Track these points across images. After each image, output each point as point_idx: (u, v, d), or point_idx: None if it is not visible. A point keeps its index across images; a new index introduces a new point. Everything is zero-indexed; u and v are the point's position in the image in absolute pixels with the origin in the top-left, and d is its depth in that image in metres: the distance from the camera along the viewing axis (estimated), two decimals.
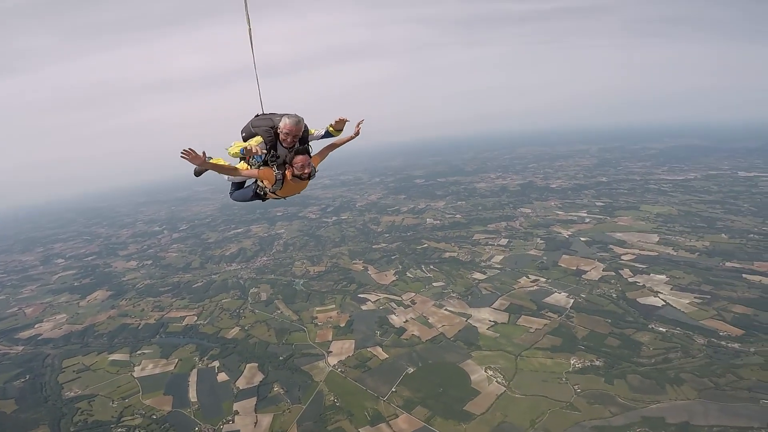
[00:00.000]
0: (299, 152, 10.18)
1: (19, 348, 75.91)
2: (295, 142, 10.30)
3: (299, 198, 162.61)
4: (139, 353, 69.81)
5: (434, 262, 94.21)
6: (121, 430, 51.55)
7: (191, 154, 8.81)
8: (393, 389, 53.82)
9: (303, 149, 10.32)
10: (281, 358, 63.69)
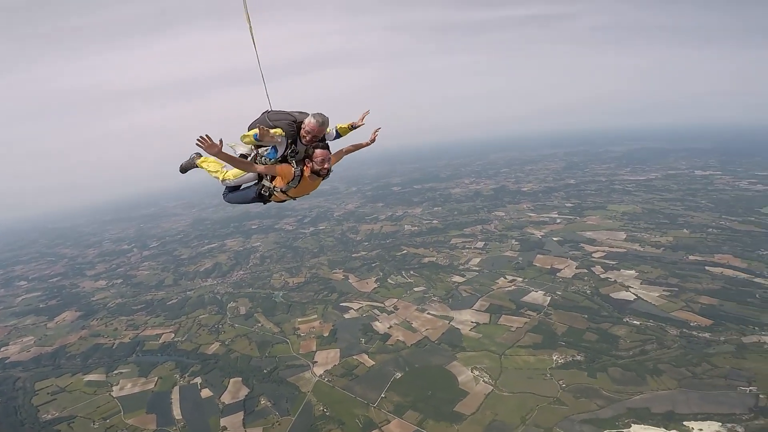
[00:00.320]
0: (319, 147, 9.91)
1: None
2: (314, 141, 10.02)
3: (275, 210, 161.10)
4: (116, 373, 67.36)
5: (414, 268, 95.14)
6: None
7: (206, 142, 8.03)
8: (382, 395, 53.89)
9: (324, 144, 10.09)
10: (265, 371, 62.66)
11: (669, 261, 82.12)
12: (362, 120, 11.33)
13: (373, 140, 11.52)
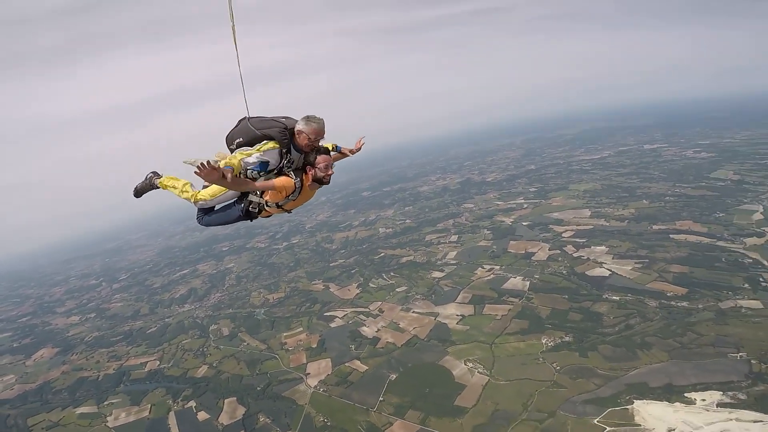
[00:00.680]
0: (320, 152, 9.13)
1: None
2: (315, 146, 9.18)
3: (244, 229, 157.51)
4: (107, 403, 65.00)
5: (394, 269, 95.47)
6: None
7: (204, 170, 7.07)
8: (381, 398, 53.76)
9: (325, 149, 9.28)
10: (259, 389, 61.40)
11: (635, 233, 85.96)
12: (359, 146, 10.96)
13: (359, 149, 10.82)
